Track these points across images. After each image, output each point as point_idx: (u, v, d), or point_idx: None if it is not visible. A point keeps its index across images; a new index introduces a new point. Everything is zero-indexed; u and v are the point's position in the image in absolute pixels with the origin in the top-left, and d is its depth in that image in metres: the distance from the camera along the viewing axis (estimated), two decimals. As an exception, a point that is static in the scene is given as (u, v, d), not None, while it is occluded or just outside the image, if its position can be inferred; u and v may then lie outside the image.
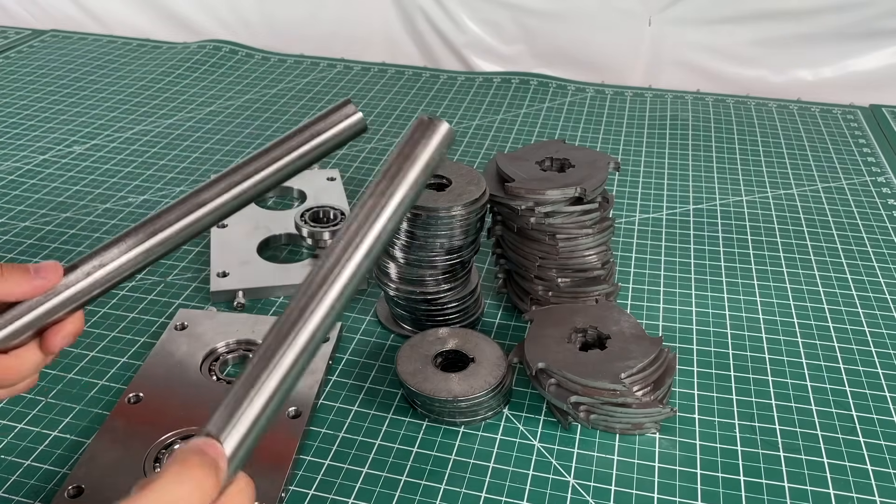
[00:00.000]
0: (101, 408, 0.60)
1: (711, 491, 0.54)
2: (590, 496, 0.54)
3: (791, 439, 0.59)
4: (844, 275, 0.78)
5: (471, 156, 1.01)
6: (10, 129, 1.05)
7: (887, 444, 0.58)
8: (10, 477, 0.54)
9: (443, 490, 0.54)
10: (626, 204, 0.90)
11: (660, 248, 0.82)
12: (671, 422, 0.59)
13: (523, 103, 1.18)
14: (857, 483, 0.55)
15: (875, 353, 0.68)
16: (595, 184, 0.65)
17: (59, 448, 0.57)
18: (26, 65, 1.28)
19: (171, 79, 1.23)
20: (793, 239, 0.84)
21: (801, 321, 0.72)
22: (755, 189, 0.94)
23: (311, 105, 1.15)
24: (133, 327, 0.69)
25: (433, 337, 0.63)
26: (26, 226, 0.83)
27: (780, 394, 0.63)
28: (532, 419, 0.60)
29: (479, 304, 0.71)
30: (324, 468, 0.55)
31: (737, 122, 1.12)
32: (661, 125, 1.11)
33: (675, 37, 1.28)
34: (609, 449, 0.57)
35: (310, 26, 1.41)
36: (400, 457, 0.57)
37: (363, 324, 0.70)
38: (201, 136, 1.05)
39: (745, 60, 1.27)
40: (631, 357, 0.58)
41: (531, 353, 0.59)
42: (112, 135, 1.04)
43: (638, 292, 0.75)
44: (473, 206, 0.63)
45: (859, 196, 0.93)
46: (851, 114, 1.16)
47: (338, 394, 0.62)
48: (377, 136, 1.06)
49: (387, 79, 1.26)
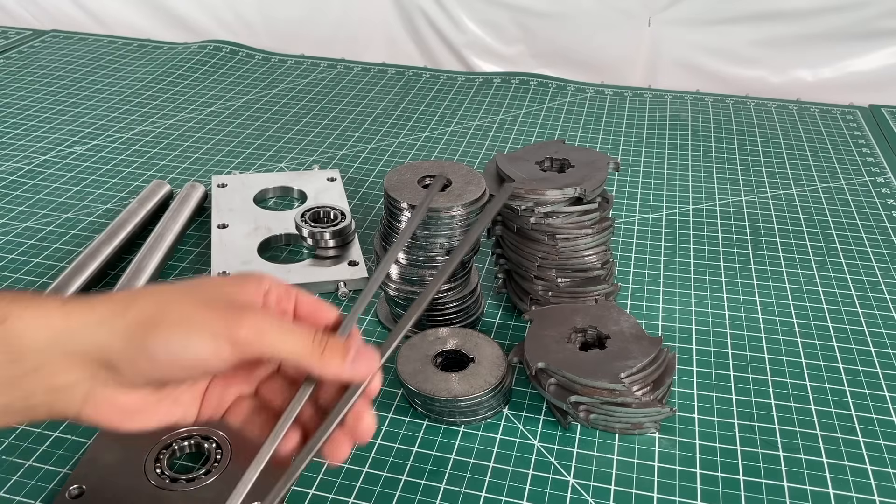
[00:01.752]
0: (101, 408, 0.60)
1: (711, 491, 0.54)
2: (589, 496, 0.54)
3: (790, 439, 0.59)
4: (844, 275, 0.78)
5: (471, 156, 1.01)
6: (11, 130, 1.05)
7: (886, 444, 0.58)
8: (11, 477, 0.54)
9: (443, 490, 0.54)
10: (626, 204, 0.90)
11: (659, 248, 0.82)
12: (671, 421, 0.60)
13: (523, 103, 1.18)
14: (857, 483, 0.55)
15: (874, 353, 0.68)
16: (595, 184, 0.65)
17: (61, 448, 0.57)
18: (27, 65, 1.28)
19: (172, 79, 1.23)
20: (792, 239, 0.84)
21: (801, 321, 0.72)
22: (755, 189, 0.94)
23: (312, 105, 1.15)
24: (134, 327, 0.69)
25: (433, 337, 0.63)
26: (27, 226, 0.84)
27: (780, 394, 0.63)
28: (532, 419, 0.60)
29: (479, 304, 0.71)
30: (324, 468, 0.55)
31: (736, 122, 1.12)
32: (660, 125, 1.11)
33: (675, 37, 1.28)
34: (609, 449, 0.58)
35: (310, 27, 1.41)
36: (400, 456, 0.57)
37: (363, 324, 0.70)
38: (202, 137, 1.05)
39: (745, 61, 1.27)
40: (630, 357, 0.58)
41: (531, 353, 0.59)
42: (113, 135, 1.05)
43: (638, 292, 0.75)
44: (473, 206, 0.63)
45: (859, 196, 0.93)
46: (851, 114, 1.16)
47: (338, 394, 0.62)
48: (377, 136, 1.06)
49: (387, 79, 1.26)
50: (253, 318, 0.36)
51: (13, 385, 0.36)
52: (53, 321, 0.36)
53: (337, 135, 1.06)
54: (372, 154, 1.01)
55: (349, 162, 0.98)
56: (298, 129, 1.07)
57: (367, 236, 0.82)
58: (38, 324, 0.35)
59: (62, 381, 0.36)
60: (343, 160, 0.99)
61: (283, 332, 0.37)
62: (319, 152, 1.01)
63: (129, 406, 0.38)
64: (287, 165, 0.98)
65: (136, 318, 0.36)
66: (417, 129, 1.08)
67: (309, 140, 1.04)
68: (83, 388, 0.37)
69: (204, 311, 0.36)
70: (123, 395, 0.37)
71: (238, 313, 0.36)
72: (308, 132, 1.07)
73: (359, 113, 1.13)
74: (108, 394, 0.37)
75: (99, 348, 0.36)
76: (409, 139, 1.05)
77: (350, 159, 0.99)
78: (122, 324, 0.36)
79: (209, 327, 0.36)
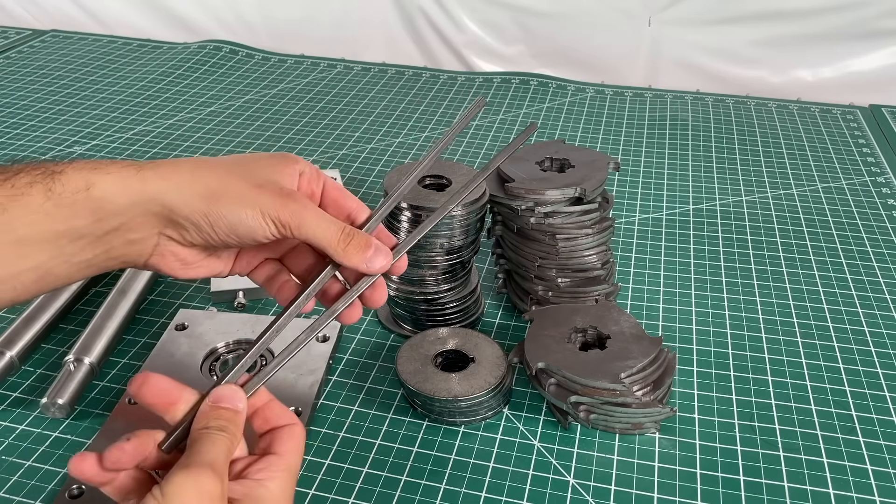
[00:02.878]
0: (101, 408, 0.60)
1: (711, 491, 0.54)
2: (590, 496, 0.54)
3: (791, 439, 0.59)
4: (844, 275, 0.78)
5: (471, 156, 1.01)
6: (11, 130, 1.05)
7: (887, 444, 0.58)
8: (11, 477, 0.54)
9: (443, 490, 0.54)
10: (626, 204, 0.90)
11: (660, 248, 0.82)
12: (671, 422, 0.60)
13: (523, 103, 1.18)
14: (857, 483, 0.55)
15: (875, 353, 0.68)
16: (595, 184, 0.65)
17: (60, 448, 0.57)
18: (27, 65, 1.28)
19: (172, 79, 1.23)
20: (793, 239, 0.84)
21: (801, 321, 0.72)
22: (755, 189, 0.94)
23: (312, 105, 1.15)
24: (134, 328, 0.69)
25: (433, 337, 0.63)
26: (27, 226, 0.83)
27: (780, 394, 0.63)
28: (532, 419, 0.60)
29: (479, 304, 0.71)
30: (324, 468, 0.55)
31: (736, 122, 1.12)
32: (660, 125, 1.11)
33: (675, 37, 1.28)
34: (609, 449, 0.58)
35: (310, 26, 1.41)
36: (400, 456, 0.57)
37: (363, 324, 0.70)
38: (202, 137, 1.05)
39: (745, 60, 1.27)
40: (631, 357, 0.58)
41: (531, 353, 0.59)
42: (113, 135, 1.05)
43: (638, 292, 0.75)
44: (473, 206, 0.63)
45: (859, 196, 0.93)
46: (851, 114, 1.16)
47: (338, 394, 0.62)
48: (377, 136, 1.06)
49: (387, 79, 1.26)
50: (296, 205, 0.43)
51: (99, 241, 0.42)
52: (133, 186, 0.41)
53: (337, 135, 1.06)
54: (372, 154, 1.01)
55: (349, 162, 0.98)
56: (298, 129, 1.07)
57: (367, 236, 0.82)
58: (119, 189, 0.41)
59: (138, 235, 0.43)
60: (343, 160, 0.99)
61: (319, 221, 0.44)
62: (319, 152, 1.01)
63: (187, 258, 0.45)
64: (287, 165, 0.97)
65: (202, 191, 0.42)
66: (417, 129, 1.08)
67: (309, 140, 1.04)
68: (153, 242, 0.44)
69: (257, 192, 0.43)
70: (183, 249, 0.45)
71: (285, 199, 0.43)
72: (308, 132, 1.07)
73: (359, 113, 1.13)
74: (172, 247, 0.44)
75: (170, 210, 0.42)
76: (409, 139, 1.05)
77: (350, 159, 0.99)
78: (190, 193, 0.42)
79: (261, 206, 0.42)
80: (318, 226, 0.43)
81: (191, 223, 0.43)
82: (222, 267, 0.48)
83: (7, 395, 0.61)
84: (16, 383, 0.63)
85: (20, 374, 0.63)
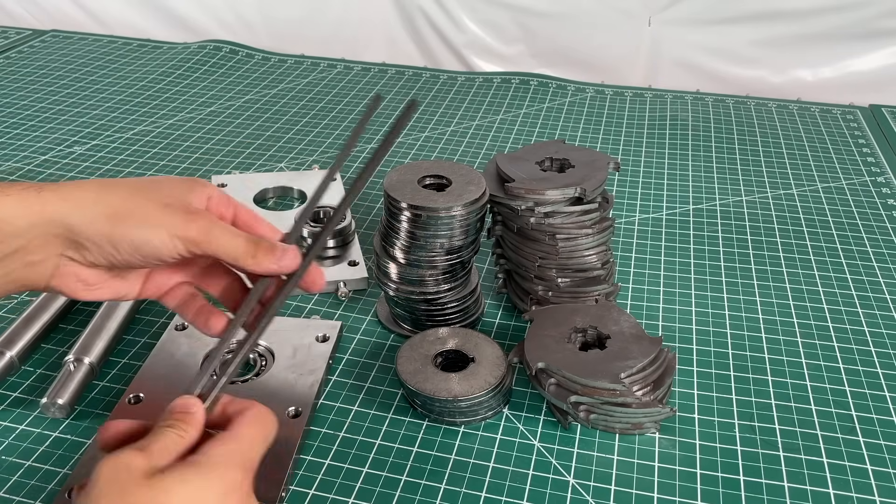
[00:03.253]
0: (101, 408, 0.60)
1: (711, 491, 0.54)
2: (590, 496, 0.54)
3: (791, 439, 0.59)
4: (844, 275, 0.78)
5: (471, 156, 1.01)
6: (11, 130, 1.05)
7: (887, 444, 0.58)
8: (11, 477, 0.54)
9: (443, 490, 0.54)
10: (626, 204, 0.90)
11: (660, 248, 0.82)
12: (671, 422, 0.60)
13: (523, 103, 1.18)
14: (857, 483, 0.55)
15: (875, 353, 0.68)
16: (595, 184, 0.65)
17: (60, 448, 0.57)
18: (27, 65, 1.28)
19: (172, 79, 1.23)
20: (793, 239, 0.84)
21: (801, 321, 0.72)
22: (755, 189, 0.94)
23: (312, 105, 1.15)
24: (133, 328, 0.69)
25: (433, 337, 0.63)
26: (27, 226, 0.83)
27: (780, 394, 0.63)
28: (532, 419, 0.60)
29: (479, 304, 0.71)
30: (324, 468, 0.55)
31: (736, 122, 1.12)
32: (660, 125, 1.11)
33: (675, 37, 1.28)
34: (609, 449, 0.58)
35: (310, 27, 1.41)
36: (400, 456, 0.57)
37: (363, 324, 0.70)
38: (202, 137, 1.05)
39: (745, 60, 1.27)
40: (631, 357, 0.58)
41: (531, 353, 0.59)
42: (113, 135, 1.05)
43: (638, 292, 0.75)
44: (473, 206, 0.63)
45: (859, 196, 0.93)
46: (851, 114, 1.16)
47: (338, 394, 0.62)
48: (377, 136, 1.06)
49: (387, 79, 1.26)
50: (203, 221, 0.44)
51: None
52: (32, 207, 0.42)
53: (337, 135, 1.06)
54: (372, 154, 1.01)
55: (349, 162, 0.98)
56: (298, 129, 1.07)
57: (367, 236, 0.82)
58: (18, 211, 0.41)
59: (37, 258, 0.43)
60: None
61: (226, 235, 0.44)
62: (319, 152, 1.01)
63: (89, 279, 0.45)
64: (287, 165, 0.98)
65: (106, 211, 0.42)
66: (417, 129, 1.08)
67: (309, 140, 1.04)
68: (53, 263, 0.43)
69: (163, 212, 0.43)
70: (85, 270, 0.44)
71: (193, 216, 0.43)
72: (308, 132, 1.07)
73: (359, 113, 1.13)
74: (73, 268, 0.44)
75: (71, 231, 0.42)
76: (409, 139, 1.05)
77: (350, 159, 0.99)
78: (94, 212, 0.42)
79: (167, 225, 0.43)
80: (226, 240, 0.44)
81: (92, 243, 0.42)
82: (128, 289, 0.47)
83: (7, 395, 0.61)
84: (16, 383, 0.63)
85: (20, 374, 0.63)
